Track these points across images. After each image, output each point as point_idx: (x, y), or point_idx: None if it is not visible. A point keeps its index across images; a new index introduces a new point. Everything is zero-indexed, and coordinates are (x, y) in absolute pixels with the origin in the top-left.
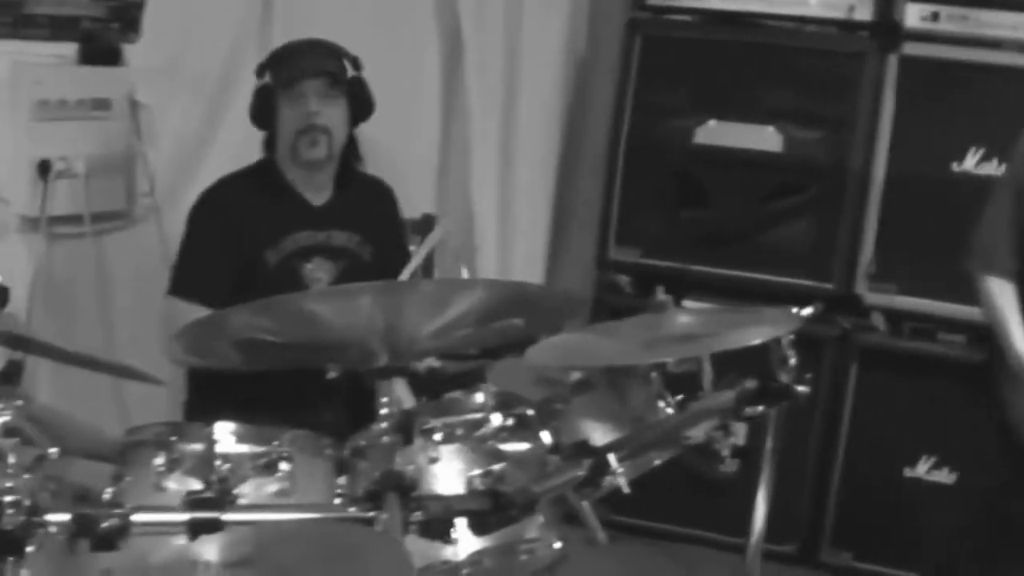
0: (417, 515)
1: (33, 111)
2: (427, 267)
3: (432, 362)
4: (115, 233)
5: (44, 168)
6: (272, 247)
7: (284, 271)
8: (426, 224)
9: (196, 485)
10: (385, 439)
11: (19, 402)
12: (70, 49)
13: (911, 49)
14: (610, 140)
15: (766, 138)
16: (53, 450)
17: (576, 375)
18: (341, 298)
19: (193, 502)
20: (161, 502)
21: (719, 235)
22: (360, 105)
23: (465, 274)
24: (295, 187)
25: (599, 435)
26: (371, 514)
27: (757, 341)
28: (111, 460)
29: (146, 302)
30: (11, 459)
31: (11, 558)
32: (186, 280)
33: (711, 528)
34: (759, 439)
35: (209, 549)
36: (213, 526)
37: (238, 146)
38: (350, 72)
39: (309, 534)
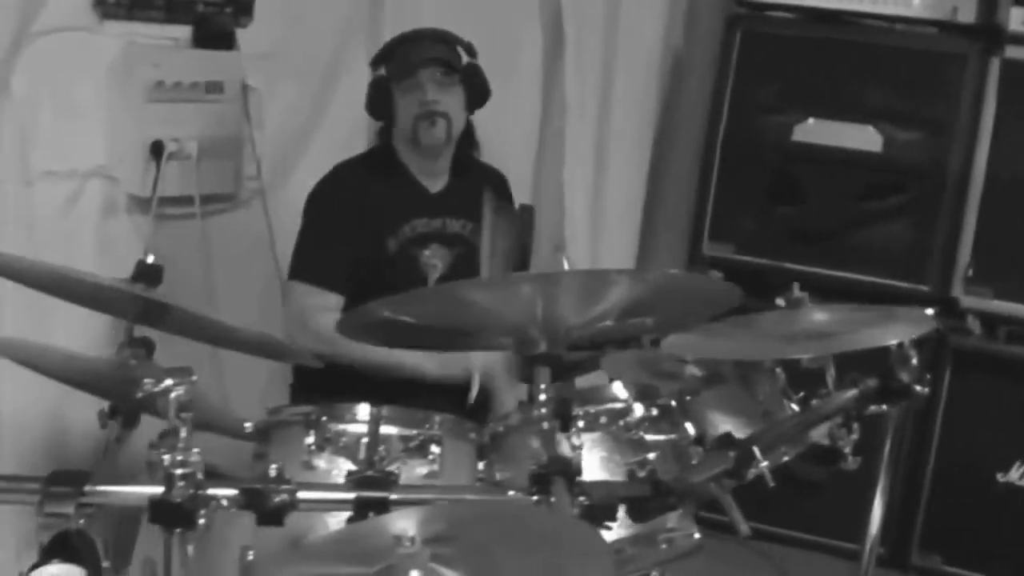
0: (581, 500)
1: (148, 93)
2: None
3: None
4: (222, 215)
5: (157, 149)
6: (392, 234)
7: (403, 258)
8: (524, 215)
9: (346, 465)
10: (545, 425)
11: (194, 377)
12: (184, 32)
13: (1014, 52)
14: (707, 136)
15: (865, 138)
16: None
17: (692, 368)
18: (504, 286)
19: (358, 481)
20: (310, 480)
21: (814, 233)
22: (475, 92)
23: (566, 266)
24: (412, 174)
25: (729, 429)
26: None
27: (894, 341)
28: (240, 437)
29: (249, 284)
30: (183, 433)
31: (179, 530)
32: (309, 265)
33: (803, 528)
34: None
35: (403, 524)
36: (380, 505)
37: (343, 132)
38: (465, 59)
39: (500, 513)
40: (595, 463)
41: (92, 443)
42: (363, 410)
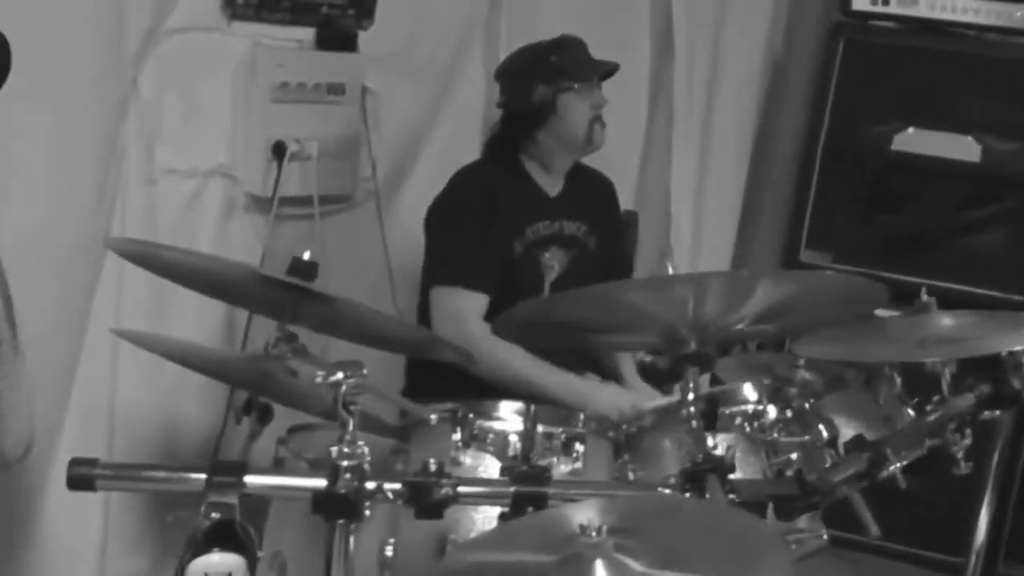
0: (731, 497)
1: (272, 93)
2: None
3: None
4: (337, 216)
5: (279, 149)
6: (519, 236)
7: (527, 260)
8: (628, 221)
9: (492, 461)
10: (693, 423)
11: (365, 371)
12: (307, 34)
13: None
14: (806, 143)
15: (964, 148)
16: None
17: (804, 373)
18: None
19: (516, 476)
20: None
21: (912, 242)
22: None
23: (671, 271)
24: (534, 178)
25: (853, 432)
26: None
27: (1020, 347)
28: (382, 433)
29: (361, 285)
30: (350, 426)
31: (342, 521)
32: (460, 268)
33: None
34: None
35: (587, 514)
36: (538, 500)
37: (456, 135)
38: None
39: (675, 506)
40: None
41: (203, 436)
42: (506, 407)
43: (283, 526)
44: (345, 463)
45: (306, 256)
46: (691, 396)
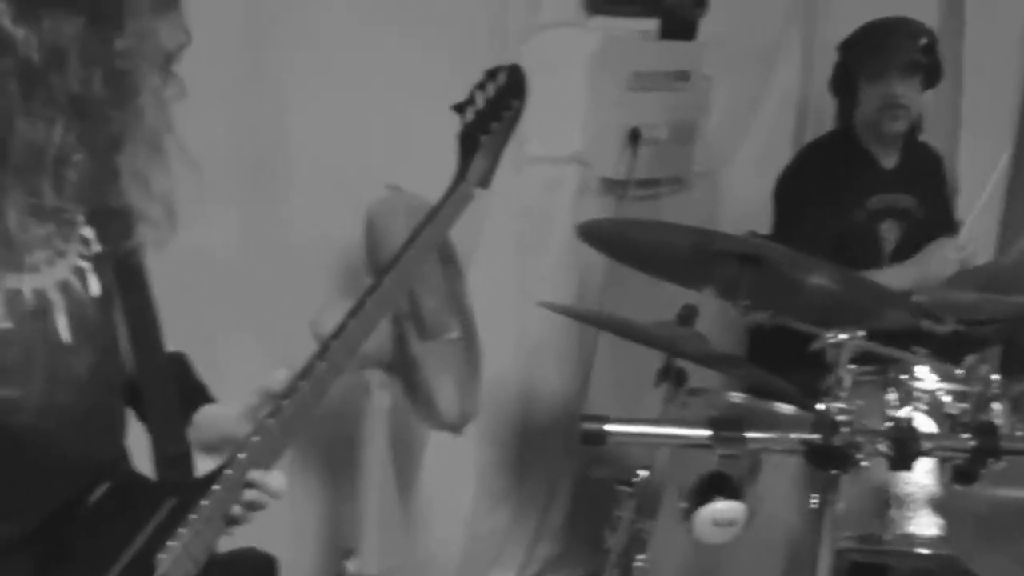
0: None
1: (626, 82)
2: None
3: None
4: (675, 196)
5: (634, 136)
6: (859, 207)
7: (866, 231)
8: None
9: (924, 419)
10: None
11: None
12: (652, 24)
13: None
14: None
15: None
16: None
17: None
18: None
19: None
20: None
21: None
22: (931, 76)
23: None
24: (872, 153)
25: None
26: None
27: None
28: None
29: None
30: (846, 382)
31: (835, 471)
32: (796, 238)
33: None
34: None
35: None
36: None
37: (778, 116)
38: (923, 44)
39: None
40: None
41: (562, 399)
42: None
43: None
44: (841, 417)
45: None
46: None
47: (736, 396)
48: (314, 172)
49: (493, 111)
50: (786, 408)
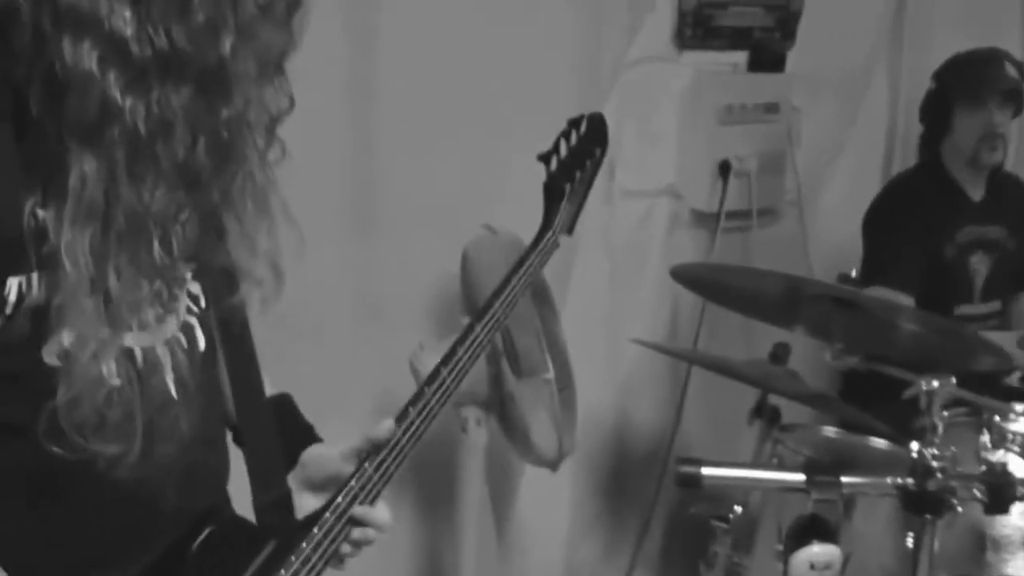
0: None
1: (717, 116)
2: None
3: None
4: (765, 228)
5: (725, 168)
6: (949, 240)
7: (957, 264)
8: None
9: (1017, 460)
10: None
11: (953, 380)
12: (740, 57)
13: None
14: None
15: None
16: None
17: None
18: None
19: None
20: None
21: None
22: (1021, 105)
23: None
24: (960, 184)
25: None
26: None
27: None
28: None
29: None
30: (939, 428)
31: (929, 516)
32: (888, 270)
33: None
34: None
35: None
36: None
37: (866, 145)
38: (1015, 75)
39: None
40: None
41: (655, 432)
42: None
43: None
44: (935, 463)
45: (853, 273)
46: None
47: (829, 431)
48: (410, 212)
49: (577, 160)
50: (880, 443)
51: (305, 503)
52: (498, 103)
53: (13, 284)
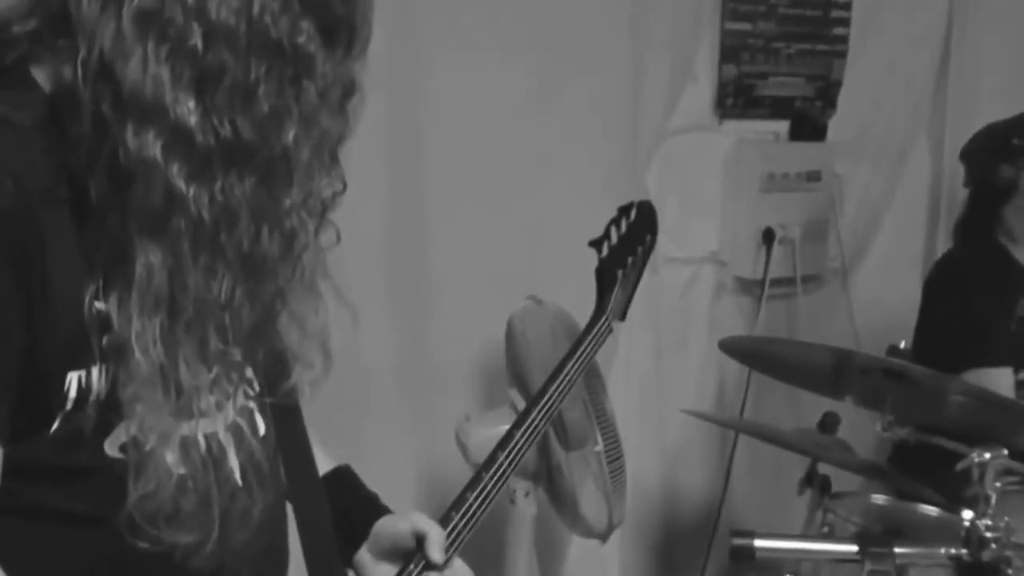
0: None
1: (760, 184)
2: None
3: None
4: (809, 294)
5: (768, 235)
6: (1008, 316)
7: (1020, 336)
8: None
9: None
10: None
11: (1005, 452)
12: (782, 127)
13: None
14: None
15: None
16: None
17: None
18: None
19: None
20: None
21: None
22: None
23: None
24: (1012, 253)
25: None
26: None
27: None
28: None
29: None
30: (993, 500)
31: None
32: (992, 347)
33: None
34: None
35: None
36: None
37: (910, 211)
38: None
39: None
40: None
41: (704, 499)
42: None
43: None
44: (989, 534)
45: (902, 345)
46: None
47: (880, 499)
48: (454, 282)
49: (628, 246)
50: (932, 511)
51: (382, 572)
52: (541, 173)
53: (73, 378)
